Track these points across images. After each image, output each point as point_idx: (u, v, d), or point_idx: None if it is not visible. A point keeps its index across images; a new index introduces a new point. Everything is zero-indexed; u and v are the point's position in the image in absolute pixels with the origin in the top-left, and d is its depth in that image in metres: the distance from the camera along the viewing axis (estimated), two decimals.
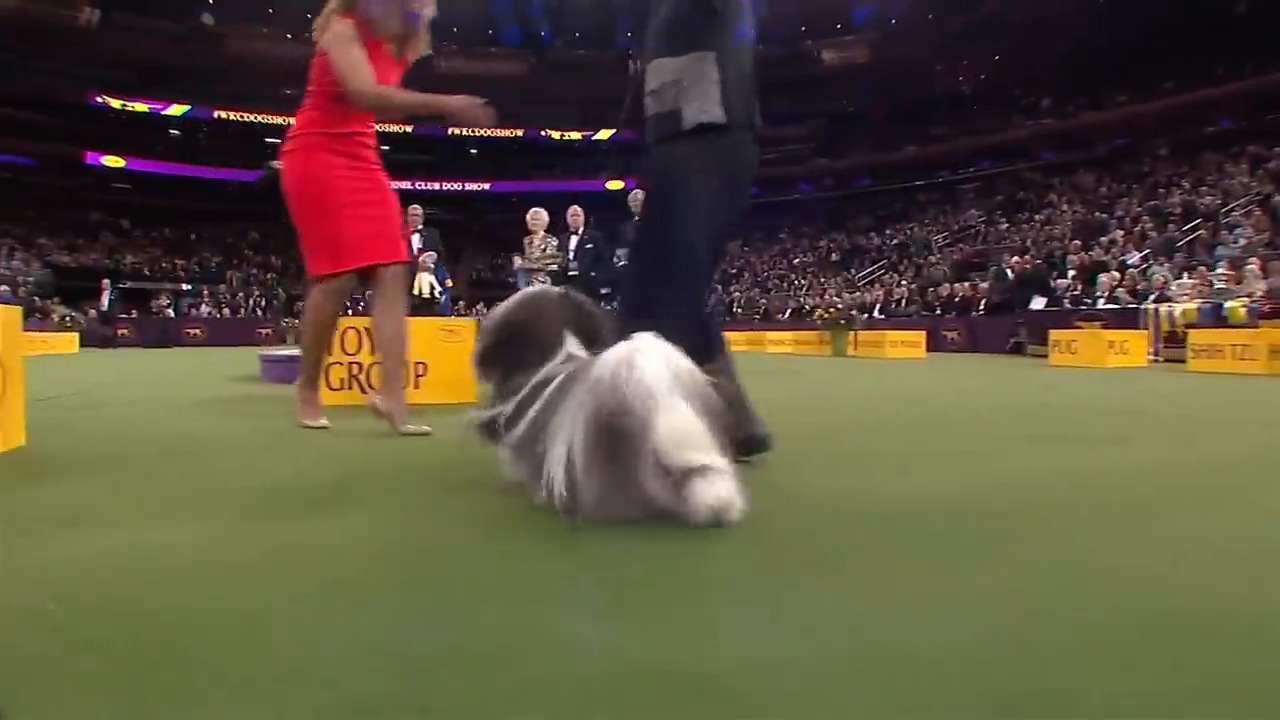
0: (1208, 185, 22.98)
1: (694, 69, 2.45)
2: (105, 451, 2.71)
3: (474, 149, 45.04)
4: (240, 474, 2.37)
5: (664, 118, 2.49)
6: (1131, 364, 9.48)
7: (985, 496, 2.06)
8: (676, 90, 2.47)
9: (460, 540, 1.66)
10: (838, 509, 1.91)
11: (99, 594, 1.25)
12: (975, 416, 4.12)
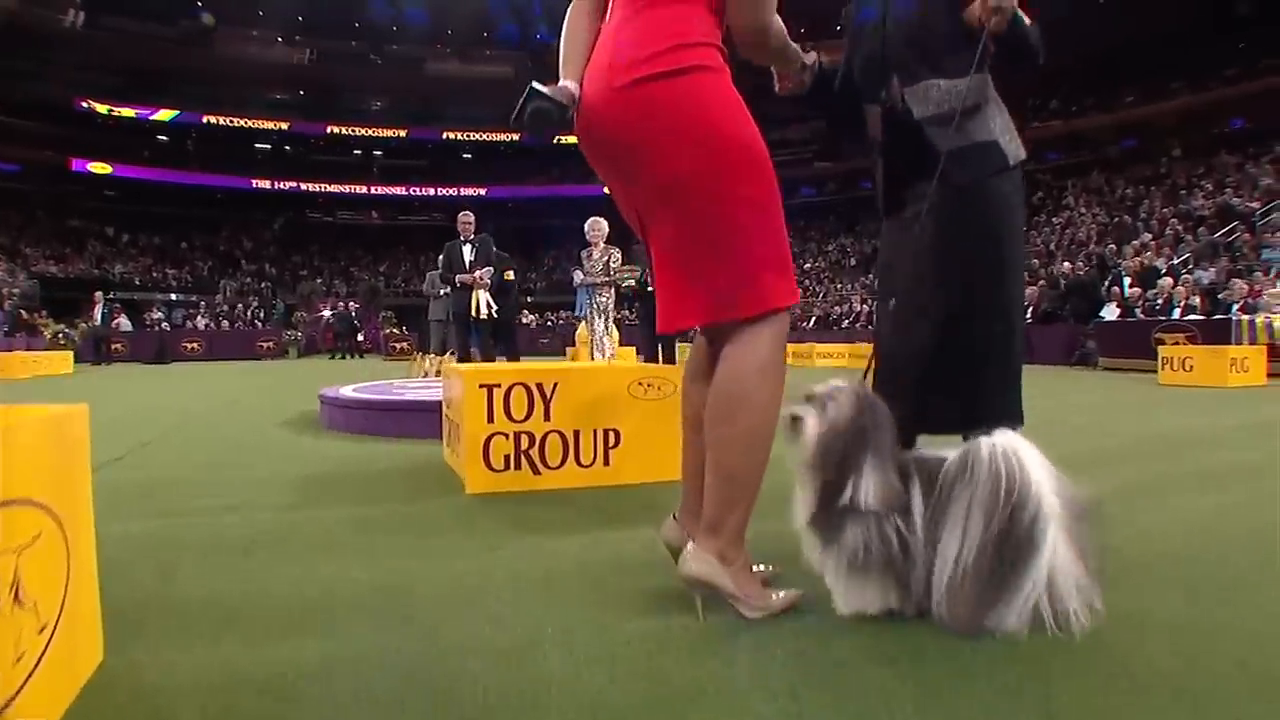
0: (1231, 187, 22.48)
1: (988, 93, 2.08)
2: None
3: (468, 153, 44.16)
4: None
5: (973, 151, 2.02)
6: (1253, 383, 8.77)
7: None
8: (982, 118, 2.04)
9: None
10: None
11: None
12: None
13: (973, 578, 1.56)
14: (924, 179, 2.00)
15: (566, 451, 3.08)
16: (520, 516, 2.63)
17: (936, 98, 2.05)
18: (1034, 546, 1.55)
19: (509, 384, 3.01)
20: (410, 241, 41.95)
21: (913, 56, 2.08)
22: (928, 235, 2.02)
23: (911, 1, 2.09)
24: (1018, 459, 1.57)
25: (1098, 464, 3.62)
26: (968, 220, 2.04)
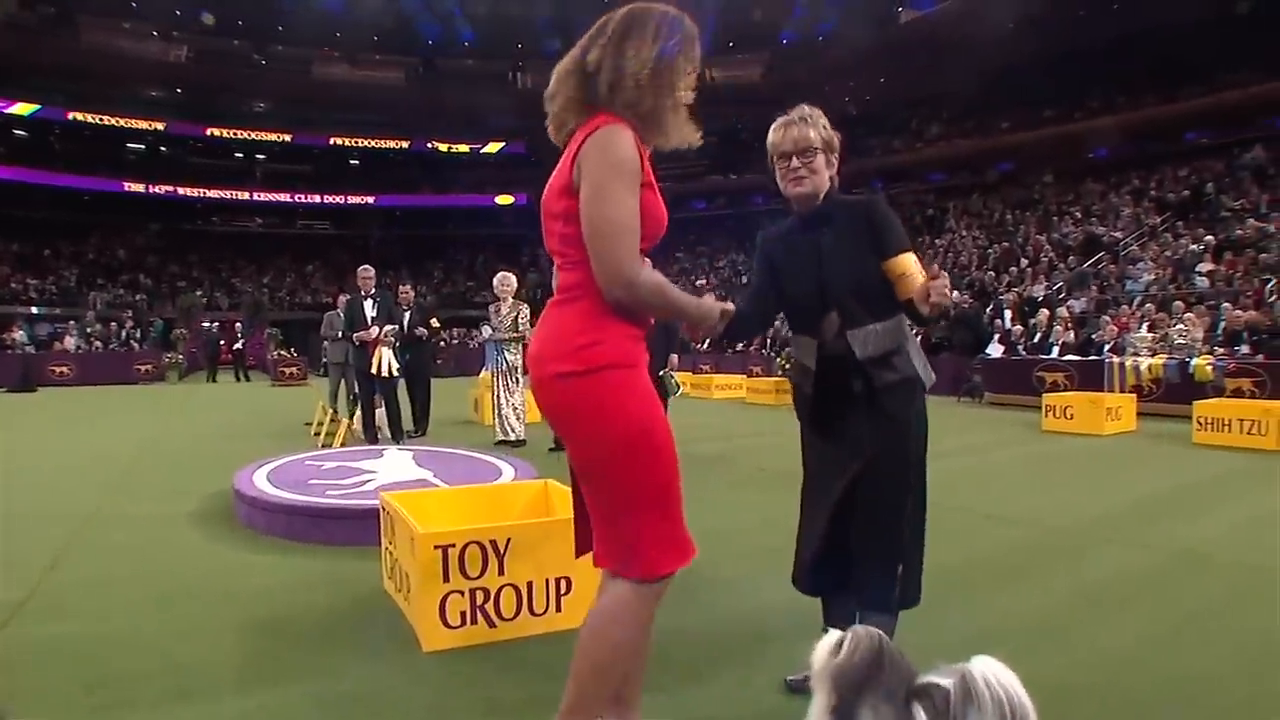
0: (1097, 215, 24.03)
1: (907, 332, 2.50)
2: None
3: (356, 159, 42.94)
4: None
5: (903, 384, 2.43)
6: (1125, 429, 9.44)
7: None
8: (905, 356, 2.45)
9: None
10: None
11: None
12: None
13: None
14: (852, 403, 2.44)
15: (520, 603, 3.07)
16: (490, 696, 2.61)
17: (874, 341, 2.41)
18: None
19: (463, 543, 2.96)
20: (295, 250, 40.47)
21: (856, 304, 2.42)
22: (857, 446, 2.43)
23: (849, 260, 2.42)
24: (1004, 678, 1.81)
25: (1002, 573, 3.84)
26: (893, 442, 2.42)
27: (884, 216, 2.44)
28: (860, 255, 2.42)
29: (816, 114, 2.51)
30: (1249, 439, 8.04)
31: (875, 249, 2.41)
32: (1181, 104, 25.96)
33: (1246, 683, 2.73)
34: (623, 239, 1.80)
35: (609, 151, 1.83)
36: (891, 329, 2.42)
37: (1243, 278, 16.18)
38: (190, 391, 18.58)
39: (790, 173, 2.48)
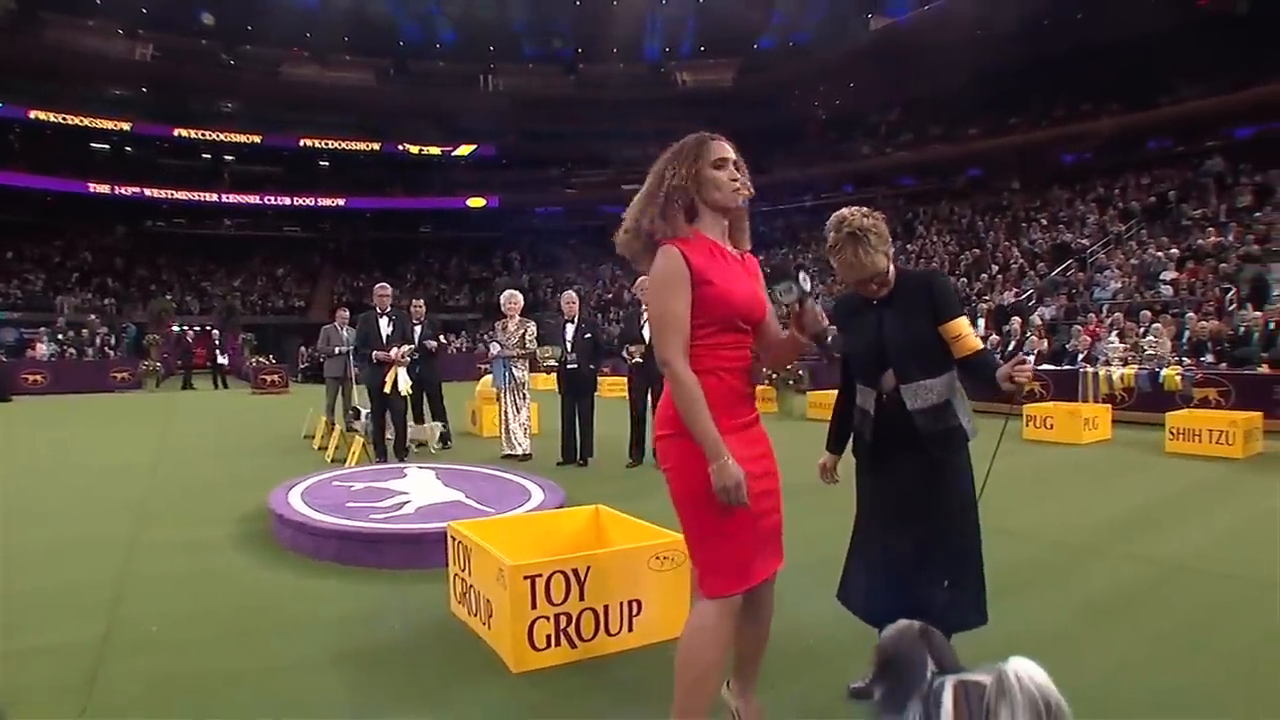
0: (1064, 222, 24.73)
1: (956, 388, 2.84)
2: None
3: (326, 161, 42.65)
4: None
5: (947, 433, 2.79)
6: (1102, 438, 9.90)
7: None
8: (952, 409, 2.79)
9: None
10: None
11: None
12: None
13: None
14: (905, 448, 2.80)
15: (598, 625, 3.36)
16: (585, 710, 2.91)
17: (924, 395, 2.78)
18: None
19: (549, 573, 3.24)
20: (266, 253, 40.18)
21: (910, 363, 2.79)
22: (907, 484, 2.81)
23: (905, 326, 2.80)
24: (1036, 677, 2.10)
25: (1010, 587, 4.17)
26: (937, 480, 2.79)
27: (942, 288, 2.83)
28: (918, 321, 2.79)
29: (869, 226, 2.78)
30: (1217, 448, 8.50)
31: (933, 315, 2.77)
32: (1144, 113, 26.75)
33: (1244, 688, 3.08)
34: (665, 334, 2.32)
35: (654, 272, 2.38)
36: (940, 385, 2.78)
37: (1205, 287, 16.85)
38: (171, 400, 18.51)
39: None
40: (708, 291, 2.33)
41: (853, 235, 2.75)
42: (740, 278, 2.43)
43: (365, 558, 4.66)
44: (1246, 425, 8.56)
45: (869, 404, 2.89)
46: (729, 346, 2.40)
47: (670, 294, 2.31)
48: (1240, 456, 8.37)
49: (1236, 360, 11.87)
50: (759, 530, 2.41)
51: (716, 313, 2.35)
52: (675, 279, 2.32)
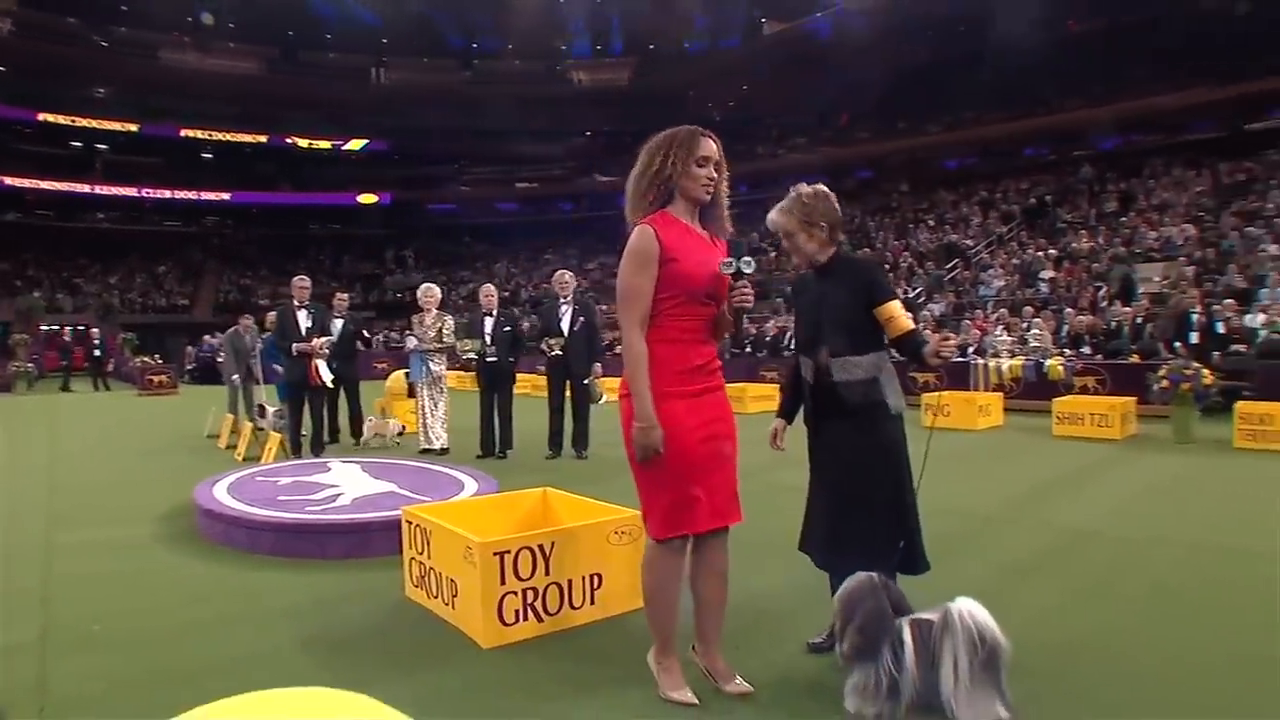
0: (949, 224, 26.01)
1: (885, 368, 3.06)
2: None
3: (209, 153, 40.76)
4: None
5: (872, 406, 3.03)
6: (994, 424, 10.52)
7: None
8: (878, 385, 3.03)
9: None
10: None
11: None
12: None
13: (969, 690, 2.48)
14: (837, 416, 3.06)
15: (563, 598, 3.46)
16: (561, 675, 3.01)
17: (850, 369, 3.02)
18: (1000, 667, 2.51)
19: (517, 549, 3.32)
20: (145, 249, 38.11)
21: (840, 340, 3.03)
22: (842, 450, 3.08)
23: (841, 307, 3.04)
24: (976, 613, 2.55)
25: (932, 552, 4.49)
26: (871, 446, 3.05)
27: (879, 275, 3.14)
28: (854, 302, 3.03)
29: (794, 205, 3.09)
30: (1099, 430, 9.20)
31: (868, 298, 3.01)
32: (1021, 122, 28.30)
33: (1145, 629, 3.49)
34: (627, 304, 2.64)
35: (627, 247, 2.66)
36: (866, 363, 3.02)
37: (1079, 285, 18.05)
38: (50, 403, 17.48)
39: (789, 248, 3.22)
40: (674, 268, 2.62)
41: (782, 209, 3.11)
42: (707, 258, 2.68)
43: (306, 549, 4.61)
44: (1123, 409, 9.28)
45: (809, 374, 3.16)
46: (690, 318, 2.69)
47: (636, 270, 2.62)
48: (1119, 437, 9.07)
49: (1110, 352, 12.79)
50: (707, 486, 2.68)
51: (679, 286, 2.63)
52: (644, 257, 2.61)
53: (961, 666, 2.51)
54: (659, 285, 2.63)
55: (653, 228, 2.63)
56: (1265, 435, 8.18)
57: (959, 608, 2.58)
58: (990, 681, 2.53)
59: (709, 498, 2.70)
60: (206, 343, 25.16)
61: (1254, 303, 13.68)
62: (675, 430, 2.63)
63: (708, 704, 2.76)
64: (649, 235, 2.62)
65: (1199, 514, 5.67)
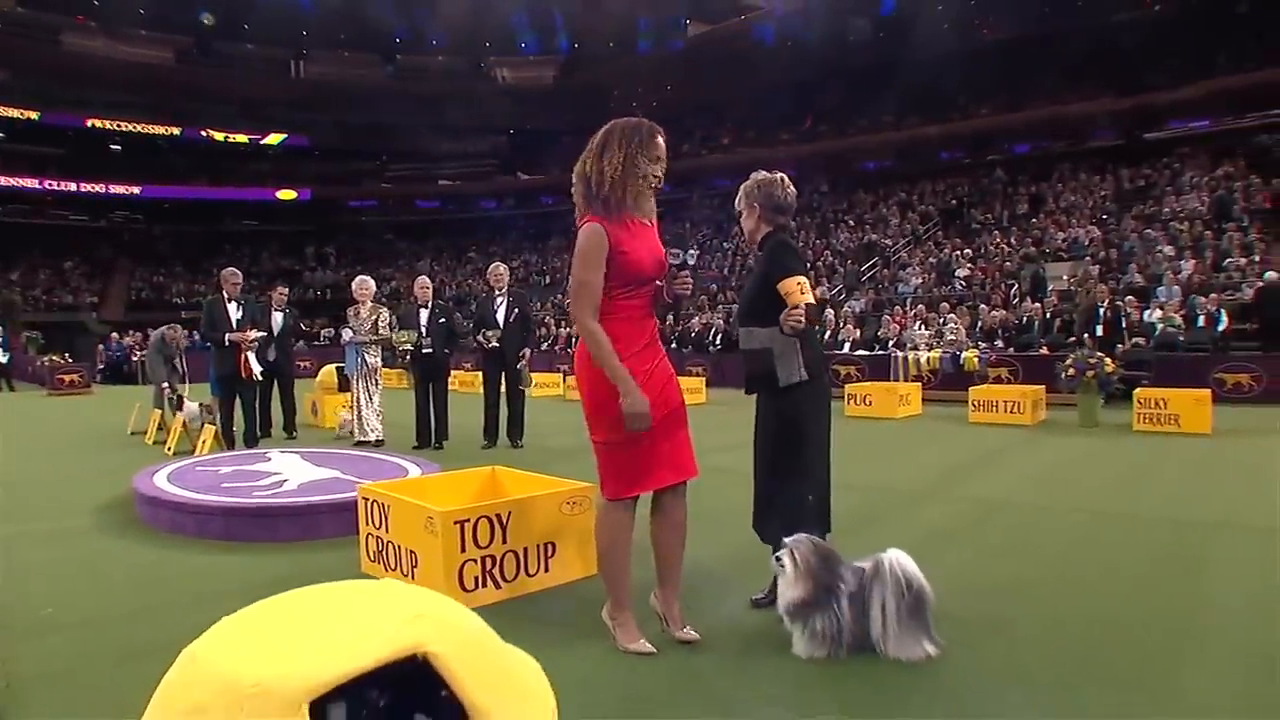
0: (869, 224, 26.82)
1: (784, 343, 3.24)
2: None
3: (118, 144, 39.12)
4: None
5: (768, 376, 3.28)
6: (913, 413, 11.01)
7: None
8: (773, 356, 3.27)
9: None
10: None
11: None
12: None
13: (898, 630, 2.81)
14: (754, 385, 3.40)
15: (519, 566, 3.63)
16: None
17: (749, 339, 3.37)
18: (926, 613, 2.85)
19: (476, 518, 3.47)
20: (48, 244, 36.39)
21: (748, 312, 3.40)
22: (762, 421, 3.39)
23: (753, 282, 3.41)
24: (904, 562, 2.88)
25: (853, 524, 4.81)
26: (772, 415, 3.34)
27: (776, 254, 3.34)
28: (758, 278, 3.36)
29: (744, 189, 3.48)
30: (1011, 416, 9.76)
31: (768, 276, 3.27)
32: (937, 126, 29.32)
33: (1055, 579, 3.91)
34: (579, 299, 2.85)
35: (578, 245, 2.87)
36: (763, 335, 3.28)
37: (992, 283, 18.89)
38: None
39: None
40: (624, 259, 2.85)
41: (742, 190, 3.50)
42: (649, 245, 2.96)
43: (256, 533, 4.65)
44: (1034, 396, 9.89)
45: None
46: (637, 297, 2.95)
47: (588, 266, 2.84)
48: (1030, 423, 9.65)
49: (1021, 345, 13.48)
50: (656, 449, 2.91)
51: (629, 274, 2.87)
52: (596, 253, 2.83)
53: (890, 610, 2.81)
54: (610, 274, 2.84)
55: (601, 225, 2.84)
56: (1161, 419, 8.82)
57: (889, 557, 2.89)
58: (917, 623, 2.84)
59: (668, 457, 2.94)
60: (116, 342, 24.36)
61: (1152, 300, 14.57)
62: (616, 401, 2.85)
63: (664, 653, 2.98)
64: (599, 233, 2.83)
65: (1099, 486, 6.18)
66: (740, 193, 3.47)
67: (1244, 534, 4.64)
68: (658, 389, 2.91)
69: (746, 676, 2.83)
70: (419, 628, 1.22)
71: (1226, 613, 3.40)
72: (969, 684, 2.74)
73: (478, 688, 1.22)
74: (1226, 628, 3.24)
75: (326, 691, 1.11)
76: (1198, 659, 2.97)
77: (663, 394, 2.94)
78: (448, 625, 1.28)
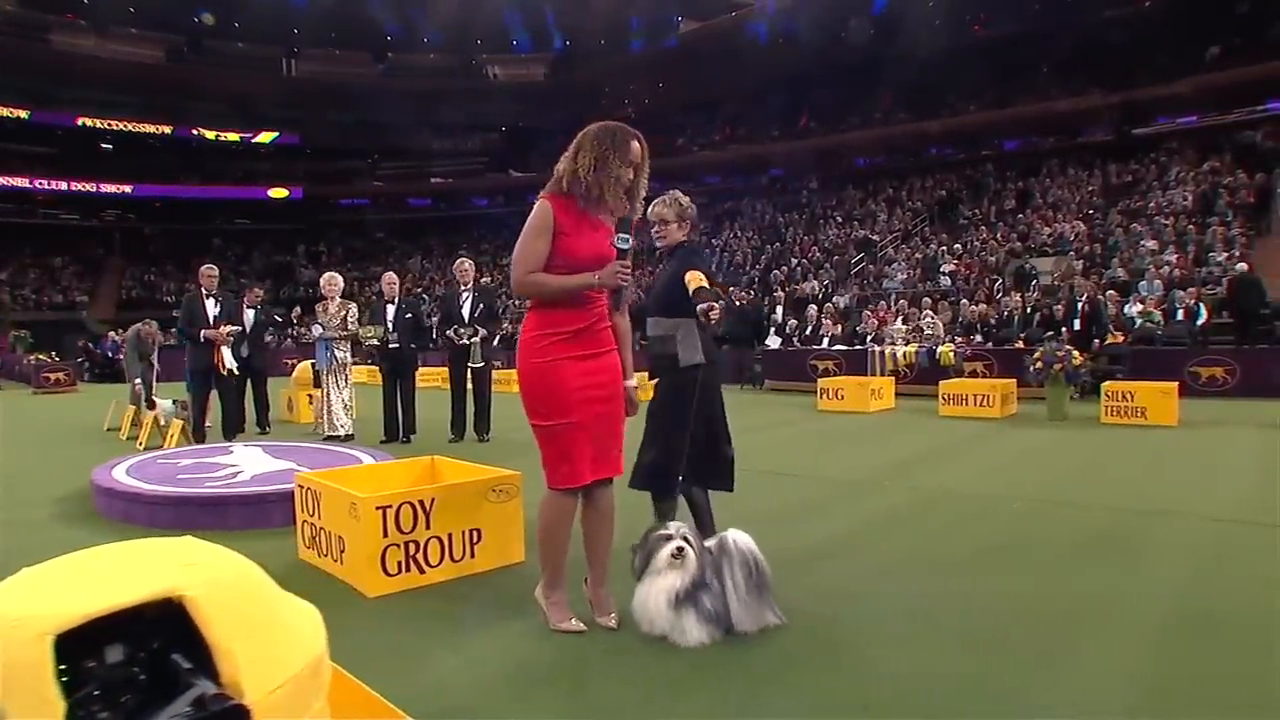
0: (858, 219, 26.86)
1: (682, 330, 3.58)
2: None
3: (109, 143, 39.10)
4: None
5: (667, 358, 3.60)
6: (886, 407, 11.04)
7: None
8: (673, 341, 3.60)
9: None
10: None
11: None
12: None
13: (748, 603, 2.97)
14: (654, 366, 3.67)
15: (444, 552, 3.67)
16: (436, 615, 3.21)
17: (654, 327, 3.66)
18: (767, 585, 3.04)
19: (398, 504, 3.51)
20: (38, 243, 36.37)
21: (655, 304, 3.70)
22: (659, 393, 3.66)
23: (664, 280, 3.68)
24: (745, 540, 3.07)
25: (796, 512, 4.85)
26: (665, 389, 3.63)
27: (688, 255, 3.72)
28: (667, 275, 3.68)
29: (676, 200, 3.80)
30: (980, 410, 9.82)
31: (679, 270, 3.52)
32: (926, 123, 29.34)
33: (985, 559, 4.01)
34: (517, 264, 2.97)
35: (528, 219, 2.98)
36: (667, 324, 3.61)
37: (977, 278, 18.95)
38: None
39: (657, 233, 3.78)
40: (563, 241, 2.95)
41: (665, 201, 3.80)
42: (592, 239, 3.00)
43: (205, 521, 4.68)
44: (1003, 390, 9.93)
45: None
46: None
47: (533, 236, 2.96)
48: (999, 416, 9.71)
49: (1000, 339, 13.51)
50: (591, 442, 2.98)
51: (565, 259, 2.94)
52: (541, 227, 2.95)
53: (740, 584, 2.98)
54: (551, 254, 2.94)
55: (549, 204, 2.96)
56: (1127, 411, 8.86)
57: (731, 536, 3.08)
58: (762, 596, 3.03)
59: (593, 452, 3.00)
60: (110, 339, 24.39)
61: (1132, 294, 14.62)
62: (561, 391, 2.94)
63: (593, 632, 3.05)
64: (546, 210, 2.95)
65: (1050, 477, 6.22)
66: (669, 209, 3.77)
67: (1185, 520, 4.68)
68: (588, 384, 2.97)
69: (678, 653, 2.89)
70: (182, 575, 1.37)
71: (1141, 596, 3.44)
72: (865, 651, 2.90)
73: (224, 628, 1.33)
74: (1137, 609, 3.28)
75: (77, 624, 1.26)
76: (1096, 635, 3.02)
77: (593, 391, 2.99)
78: (213, 573, 1.43)
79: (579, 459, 2.97)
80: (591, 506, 3.13)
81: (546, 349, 2.95)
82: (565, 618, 3.07)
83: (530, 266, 2.95)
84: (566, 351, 2.95)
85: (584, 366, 2.98)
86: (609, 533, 3.16)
